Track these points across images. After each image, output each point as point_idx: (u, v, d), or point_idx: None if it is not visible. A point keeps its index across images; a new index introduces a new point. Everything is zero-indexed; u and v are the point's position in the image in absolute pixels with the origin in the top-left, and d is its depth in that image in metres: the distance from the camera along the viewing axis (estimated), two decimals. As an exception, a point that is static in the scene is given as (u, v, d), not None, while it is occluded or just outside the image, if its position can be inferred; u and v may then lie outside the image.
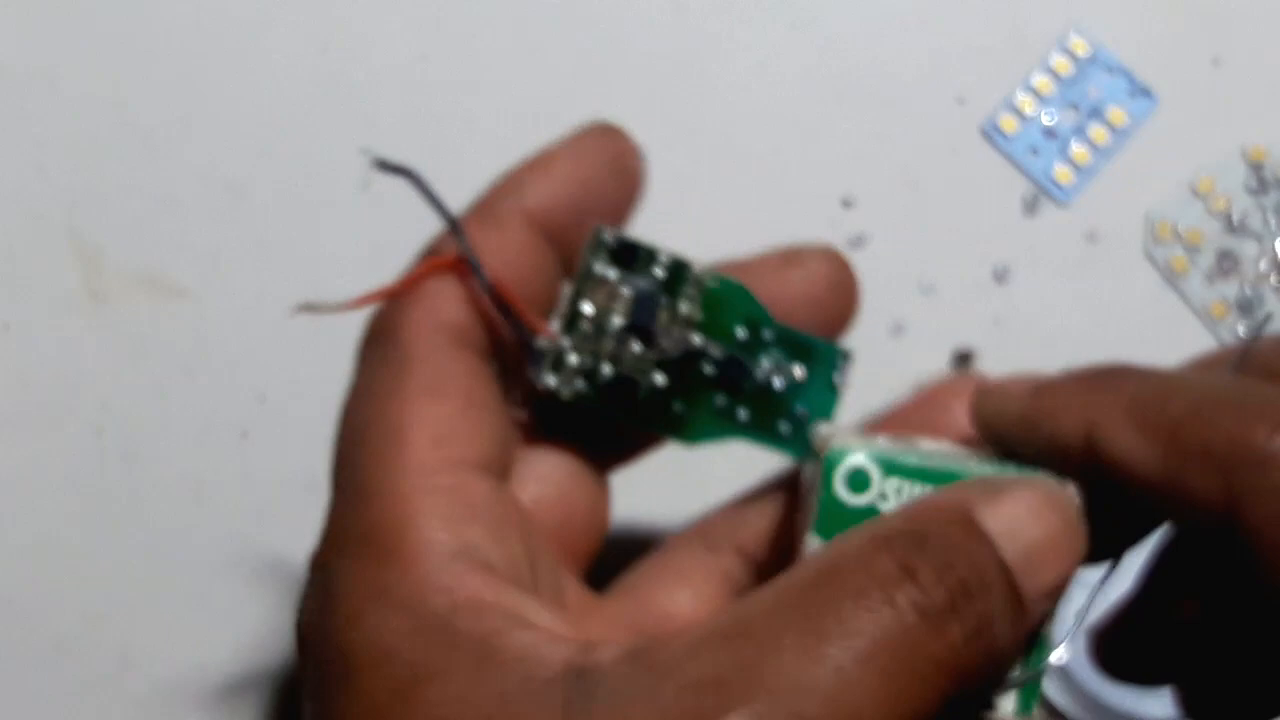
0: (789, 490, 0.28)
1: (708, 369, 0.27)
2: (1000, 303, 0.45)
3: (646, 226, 0.48)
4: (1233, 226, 0.45)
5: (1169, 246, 0.45)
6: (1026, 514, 0.24)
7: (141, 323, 0.45)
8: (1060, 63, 0.46)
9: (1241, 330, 0.45)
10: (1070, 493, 0.25)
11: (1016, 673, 0.25)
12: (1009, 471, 0.25)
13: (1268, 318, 0.45)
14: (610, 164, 0.27)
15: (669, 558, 0.29)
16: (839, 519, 0.25)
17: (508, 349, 0.26)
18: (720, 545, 0.29)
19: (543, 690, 0.22)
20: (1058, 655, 0.25)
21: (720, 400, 0.27)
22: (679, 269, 0.27)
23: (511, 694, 0.22)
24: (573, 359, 0.26)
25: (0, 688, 0.44)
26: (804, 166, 0.46)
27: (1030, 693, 0.25)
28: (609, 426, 0.28)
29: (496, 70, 0.46)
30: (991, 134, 0.46)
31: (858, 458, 0.25)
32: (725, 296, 0.27)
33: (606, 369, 0.26)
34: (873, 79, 0.46)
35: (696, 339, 0.27)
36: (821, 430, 0.27)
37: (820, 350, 0.28)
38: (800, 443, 0.27)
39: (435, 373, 0.25)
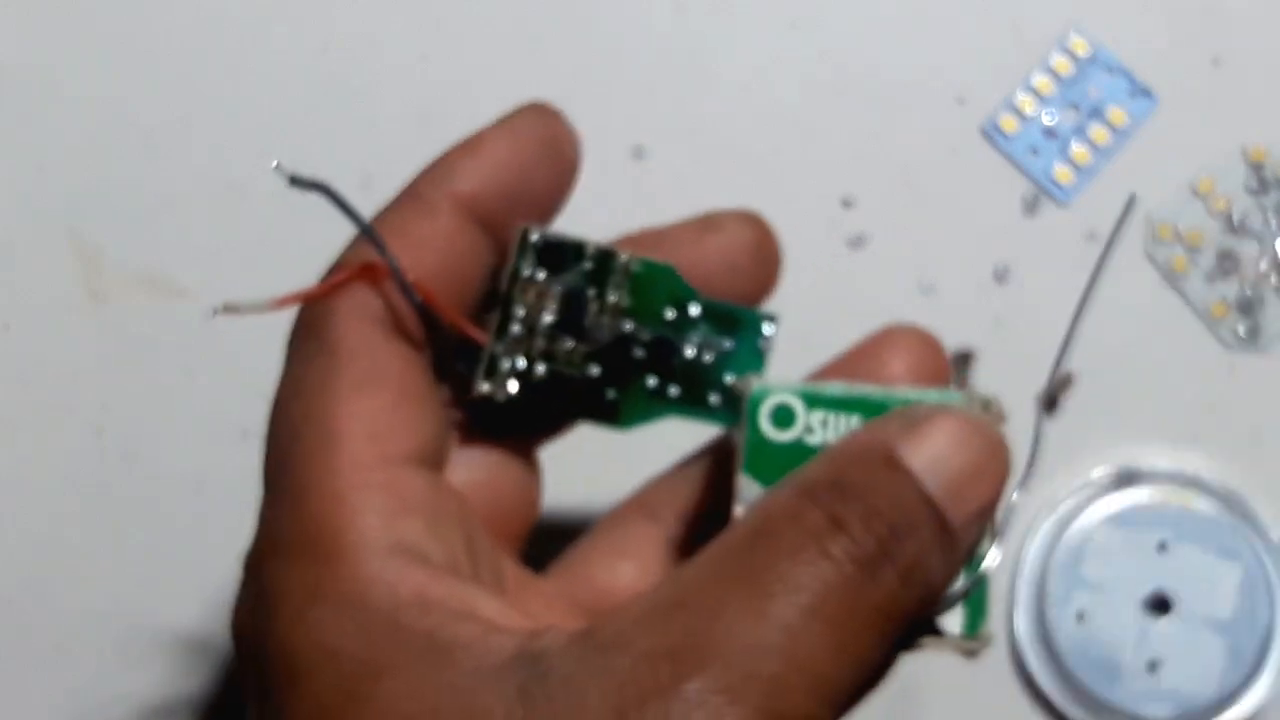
0: (723, 454, 0.28)
1: (638, 353, 0.27)
2: (1001, 303, 0.45)
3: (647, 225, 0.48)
4: (1233, 227, 0.45)
5: (1169, 247, 0.45)
6: (948, 444, 0.24)
7: (141, 322, 0.45)
8: (1060, 63, 0.46)
9: (1242, 330, 0.45)
10: (995, 412, 0.26)
11: (956, 588, 0.25)
12: (931, 397, 0.26)
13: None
14: (544, 147, 0.27)
15: (609, 532, 0.29)
16: (768, 456, 0.25)
17: (439, 341, 0.26)
18: (660, 514, 0.28)
19: (495, 678, 0.22)
20: (991, 560, 0.25)
21: (652, 382, 0.27)
22: (605, 259, 0.27)
23: (464, 685, 0.22)
24: (505, 363, 0.26)
25: (0, 688, 0.45)
26: (804, 166, 0.46)
27: (976, 611, 0.26)
28: (542, 417, 0.28)
29: (496, 70, 0.46)
30: (992, 134, 0.46)
31: (780, 395, 0.26)
32: (651, 279, 0.27)
33: (540, 368, 0.26)
34: (873, 79, 0.46)
35: (626, 325, 0.27)
36: (743, 380, 0.27)
37: (745, 318, 0.28)
38: (731, 411, 0.27)
39: (367, 366, 0.25)
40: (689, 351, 0.27)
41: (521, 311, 0.26)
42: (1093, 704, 0.43)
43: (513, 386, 0.26)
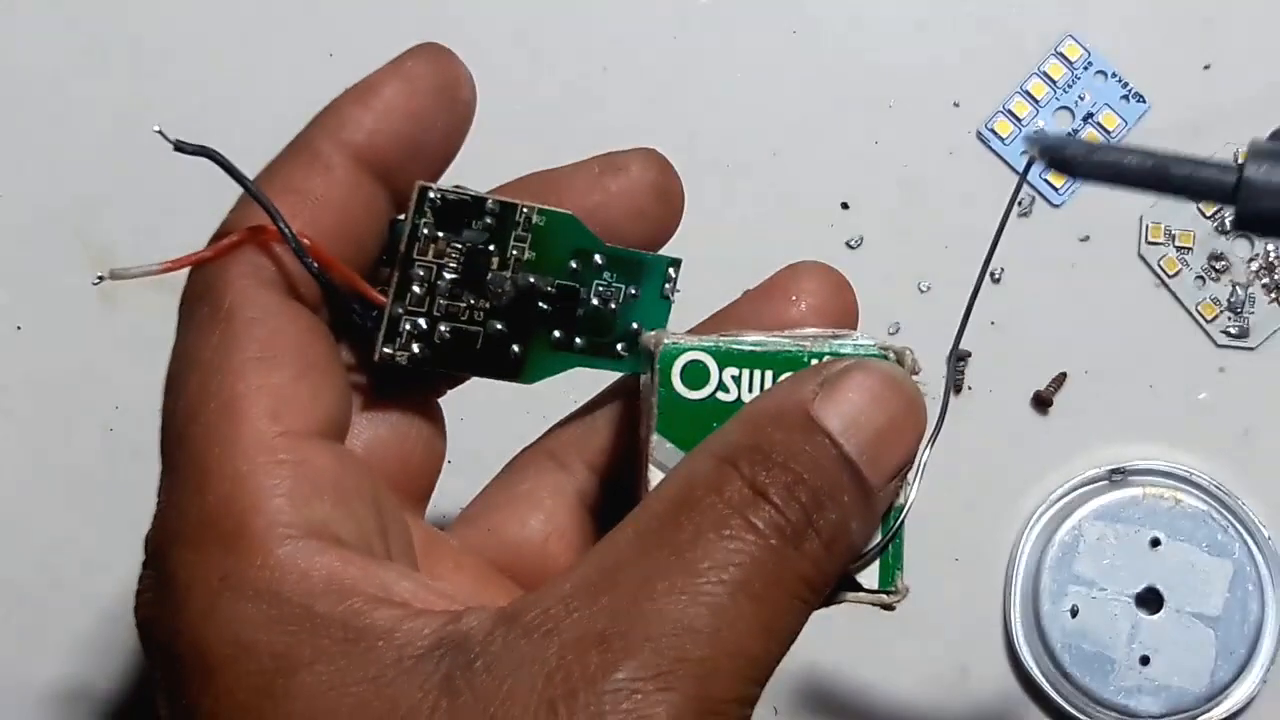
0: (628, 398, 0.27)
1: (541, 305, 0.26)
2: (996, 303, 0.46)
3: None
4: (1224, 228, 0.45)
5: (1161, 247, 0.46)
6: (865, 401, 0.23)
7: (152, 323, 0.46)
8: (1054, 67, 0.46)
9: (1232, 329, 0.45)
10: (909, 362, 0.25)
11: (873, 543, 0.25)
12: (846, 350, 0.25)
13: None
14: (440, 91, 0.25)
15: (516, 480, 0.28)
16: (681, 415, 0.25)
17: (337, 301, 0.25)
18: (568, 462, 0.27)
19: (417, 668, 0.21)
20: (908, 501, 0.25)
21: (556, 334, 0.26)
22: (506, 212, 0.26)
23: (385, 676, 0.21)
24: (406, 325, 0.25)
25: (12, 683, 0.45)
26: (803, 169, 0.46)
27: (890, 563, 0.25)
28: (444, 375, 0.27)
29: (500, 75, 0.46)
30: (987, 137, 0.46)
31: (691, 352, 0.25)
32: (553, 230, 0.26)
33: (443, 328, 0.26)
34: (871, 83, 0.46)
35: (529, 278, 0.26)
36: (652, 336, 0.26)
37: (648, 263, 0.27)
38: (638, 359, 0.27)
39: (266, 335, 0.23)
40: (593, 301, 0.27)
41: (421, 271, 0.25)
42: (1085, 698, 0.44)
43: (415, 348, 0.25)
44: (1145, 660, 0.43)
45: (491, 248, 0.26)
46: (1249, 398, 0.45)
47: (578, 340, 0.27)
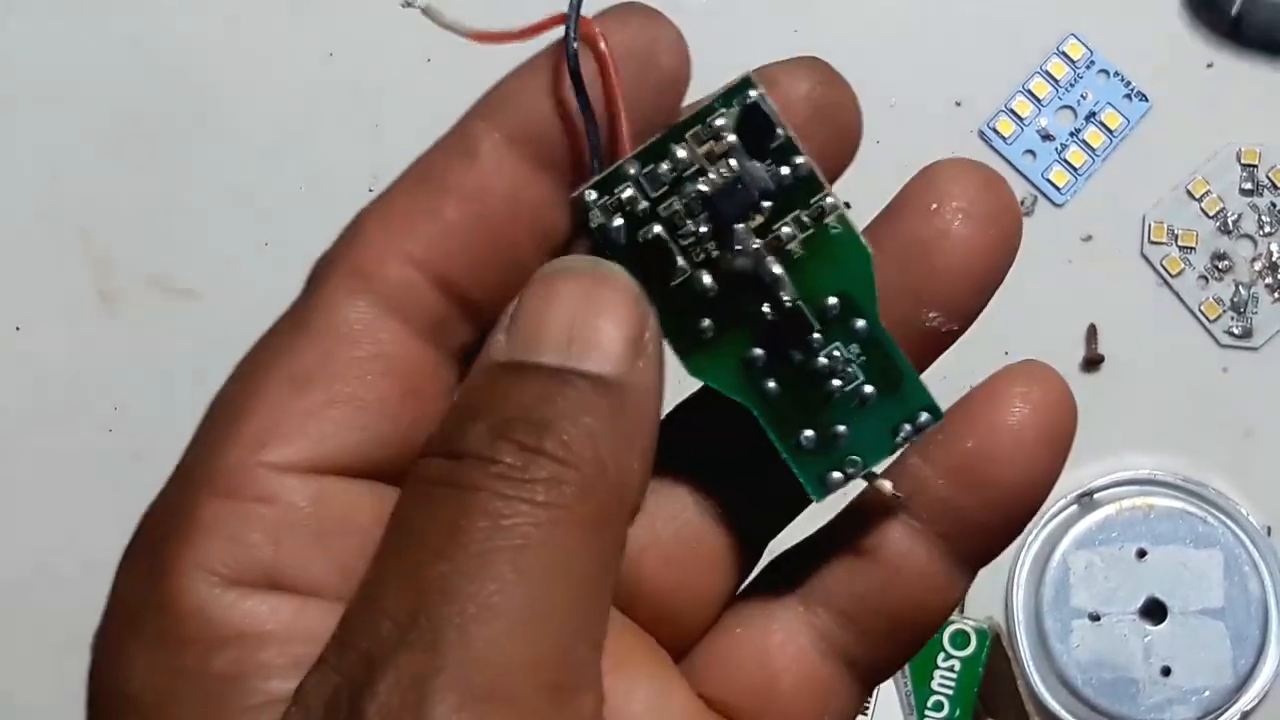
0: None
1: (765, 309, 0.21)
2: (996, 302, 0.46)
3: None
4: (1226, 227, 0.45)
5: (1164, 247, 0.45)
6: (536, 304, 0.20)
7: (151, 324, 0.46)
8: (1057, 66, 0.46)
9: (1235, 329, 0.45)
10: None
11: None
12: None
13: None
14: (632, 60, 0.22)
15: (748, 616, 0.22)
16: None
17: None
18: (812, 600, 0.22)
19: None
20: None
21: (755, 353, 0.21)
22: (809, 185, 0.21)
23: None
24: (627, 191, 0.20)
25: (10, 684, 0.45)
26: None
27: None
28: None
29: (498, 72, 0.46)
30: (989, 136, 0.46)
31: None
32: (840, 251, 0.21)
33: (656, 229, 0.20)
34: (873, 81, 0.46)
35: (775, 269, 0.21)
36: (888, 486, 0.21)
37: (910, 385, 0.21)
38: (821, 480, 0.21)
39: (318, 356, 0.20)
40: (820, 359, 0.21)
41: (682, 153, 0.21)
42: (1088, 708, 0.43)
43: (615, 221, 0.20)
44: (1167, 671, 0.43)
45: (764, 204, 0.21)
46: (1252, 398, 0.45)
47: (769, 384, 0.21)
